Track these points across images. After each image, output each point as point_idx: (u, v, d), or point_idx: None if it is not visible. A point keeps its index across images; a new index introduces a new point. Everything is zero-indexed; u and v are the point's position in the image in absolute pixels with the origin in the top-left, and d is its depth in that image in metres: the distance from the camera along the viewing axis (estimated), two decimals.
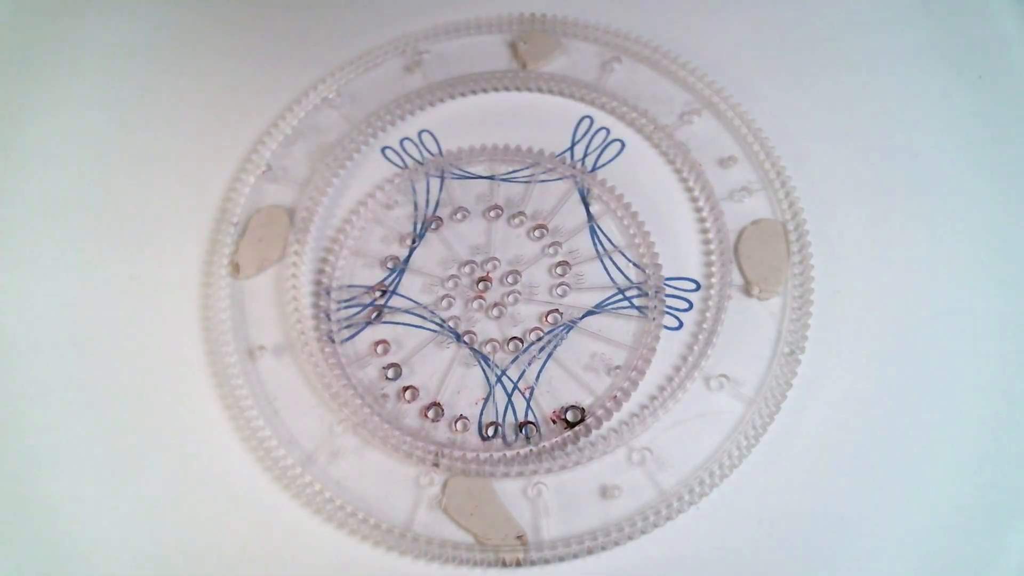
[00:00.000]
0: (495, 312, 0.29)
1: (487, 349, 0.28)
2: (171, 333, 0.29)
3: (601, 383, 0.28)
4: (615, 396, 0.27)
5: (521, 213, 0.30)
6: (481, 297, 0.29)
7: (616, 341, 0.28)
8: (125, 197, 0.32)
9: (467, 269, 0.30)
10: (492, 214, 0.30)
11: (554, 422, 0.27)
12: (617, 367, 0.28)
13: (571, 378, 0.28)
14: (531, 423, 0.27)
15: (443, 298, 0.29)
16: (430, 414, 0.27)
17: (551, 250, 0.30)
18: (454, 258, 0.30)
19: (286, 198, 0.31)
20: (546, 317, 0.29)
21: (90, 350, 0.29)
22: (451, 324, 0.29)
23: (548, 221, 0.30)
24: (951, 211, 0.29)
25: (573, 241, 0.30)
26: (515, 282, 0.29)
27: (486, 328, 0.29)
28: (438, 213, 0.31)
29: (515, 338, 0.28)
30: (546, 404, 0.27)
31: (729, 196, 0.30)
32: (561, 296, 0.29)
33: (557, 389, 0.28)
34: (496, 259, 0.30)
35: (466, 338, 0.28)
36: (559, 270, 0.29)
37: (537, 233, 0.30)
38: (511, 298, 0.29)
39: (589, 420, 0.27)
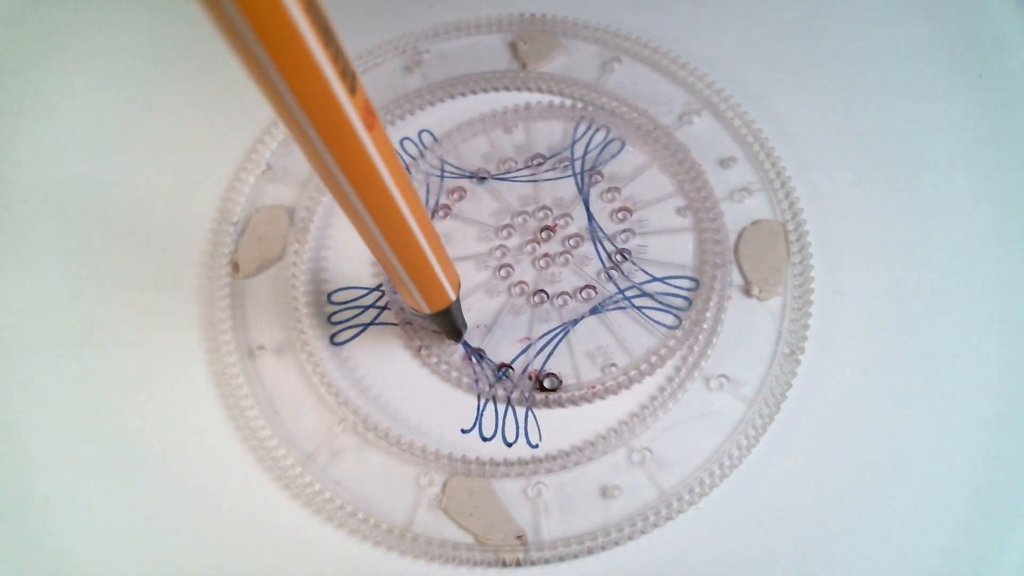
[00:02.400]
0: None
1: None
2: (171, 333, 0.29)
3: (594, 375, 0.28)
4: (594, 387, 0.27)
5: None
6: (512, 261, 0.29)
7: (623, 337, 0.28)
8: (124, 196, 0.32)
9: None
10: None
11: (530, 379, 0.27)
12: (612, 364, 0.28)
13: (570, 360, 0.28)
14: (509, 366, 0.27)
15: None
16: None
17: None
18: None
19: (286, 198, 0.31)
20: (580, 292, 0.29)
21: (89, 350, 0.29)
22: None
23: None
24: (951, 211, 0.29)
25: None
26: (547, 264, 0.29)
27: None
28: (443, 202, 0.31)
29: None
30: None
31: (729, 196, 0.30)
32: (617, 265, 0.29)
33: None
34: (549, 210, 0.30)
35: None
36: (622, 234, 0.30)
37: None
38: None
39: (564, 395, 0.27)
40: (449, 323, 0.26)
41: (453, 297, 0.24)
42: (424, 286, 0.23)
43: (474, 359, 0.28)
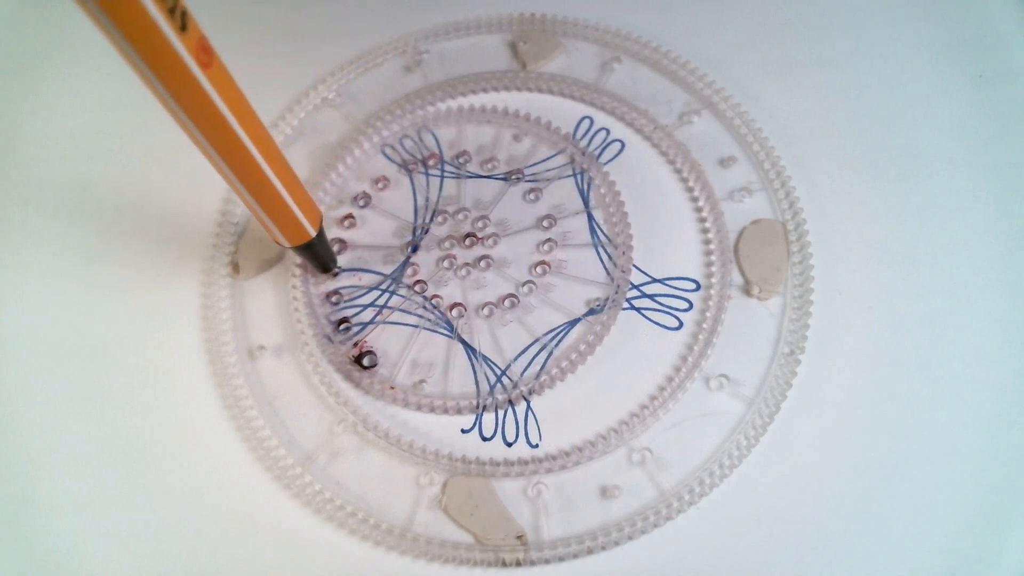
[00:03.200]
0: (486, 312, 0.29)
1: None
2: (171, 333, 0.29)
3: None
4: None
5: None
6: (467, 264, 0.29)
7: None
8: (124, 196, 0.32)
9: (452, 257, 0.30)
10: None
11: (354, 345, 0.28)
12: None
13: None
14: (347, 320, 0.28)
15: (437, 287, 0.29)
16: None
17: (546, 246, 0.30)
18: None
19: None
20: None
21: (89, 350, 0.29)
22: (447, 317, 0.29)
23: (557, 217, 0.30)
24: (951, 211, 0.29)
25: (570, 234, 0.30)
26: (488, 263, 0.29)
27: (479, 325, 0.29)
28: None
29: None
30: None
31: (729, 196, 0.30)
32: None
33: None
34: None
35: (465, 337, 0.29)
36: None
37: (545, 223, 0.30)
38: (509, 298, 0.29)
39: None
40: (314, 257, 0.28)
41: (312, 233, 0.26)
42: (280, 220, 0.25)
43: (331, 300, 0.29)
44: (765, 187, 0.30)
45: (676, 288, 0.29)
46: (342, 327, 0.29)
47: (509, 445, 0.27)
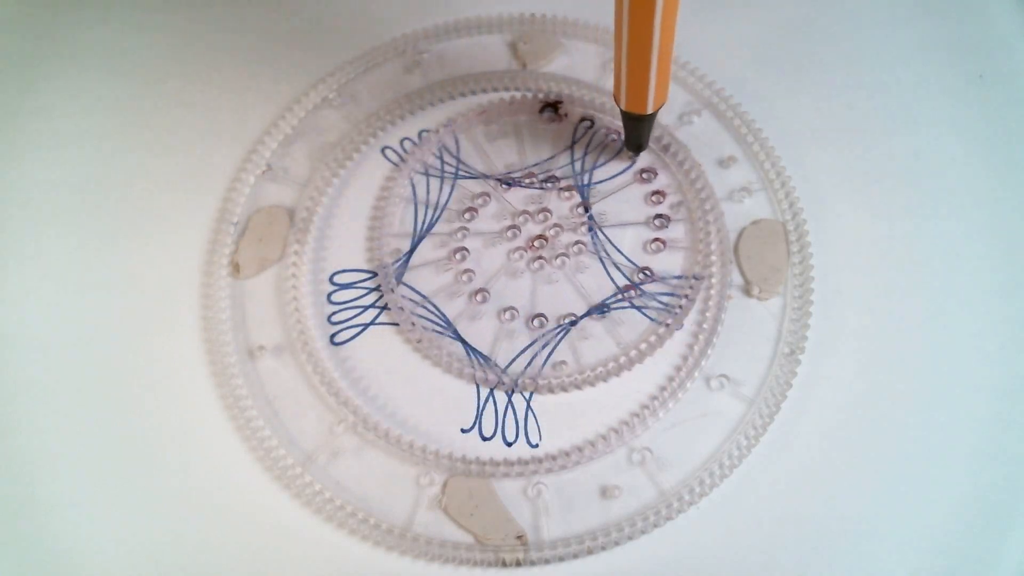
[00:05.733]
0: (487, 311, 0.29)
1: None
2: (171, 333, 0.29)
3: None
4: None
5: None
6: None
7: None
8: (124, 197, 0.32)
9: (465, 278, 0.30)
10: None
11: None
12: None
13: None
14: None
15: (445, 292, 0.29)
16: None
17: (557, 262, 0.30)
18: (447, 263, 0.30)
19: (286, 198, 0.31)
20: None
21: (89, 350, 0.29)
22: (454, 322, 0.29)
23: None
24: (951, 211, 0.29)
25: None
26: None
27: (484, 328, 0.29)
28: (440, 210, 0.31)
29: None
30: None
31: (729, 196, 0.30)
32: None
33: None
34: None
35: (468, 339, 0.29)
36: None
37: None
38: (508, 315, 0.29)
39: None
40: (643, 131, 0.29)
41: (666, 98, 0.27)
42: (660, 79, 0.26)
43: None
44: (765, 187, 0.30)
45: (676, 287, 0.29)
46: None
47: (509, 445, 0.27)
